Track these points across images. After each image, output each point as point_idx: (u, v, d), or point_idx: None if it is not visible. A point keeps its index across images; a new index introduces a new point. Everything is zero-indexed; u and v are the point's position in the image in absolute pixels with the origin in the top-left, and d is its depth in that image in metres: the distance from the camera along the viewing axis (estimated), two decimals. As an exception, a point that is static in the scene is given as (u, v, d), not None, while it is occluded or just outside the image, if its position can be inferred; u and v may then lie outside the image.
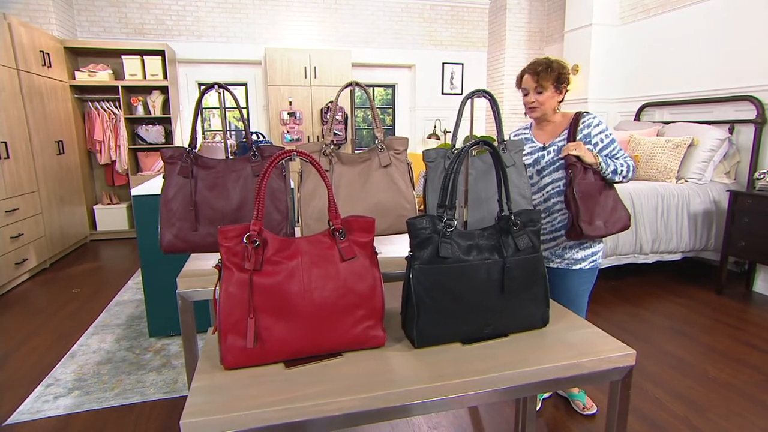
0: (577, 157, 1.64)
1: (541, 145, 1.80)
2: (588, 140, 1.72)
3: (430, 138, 6.38)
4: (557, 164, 1.75)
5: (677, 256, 3.48)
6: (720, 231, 3.45)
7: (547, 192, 1.79)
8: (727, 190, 3.31)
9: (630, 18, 4.68)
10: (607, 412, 1.10)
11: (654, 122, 4.30)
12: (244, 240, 0.95)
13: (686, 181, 3.61)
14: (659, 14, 4.33)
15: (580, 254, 1.80)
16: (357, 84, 1.50)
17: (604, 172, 1.67)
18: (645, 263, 3.42)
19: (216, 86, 1.39)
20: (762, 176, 3.18)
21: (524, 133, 1.89)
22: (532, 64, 1.75)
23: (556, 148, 1.76)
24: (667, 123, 4.13)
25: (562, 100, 1.79)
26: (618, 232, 1.72)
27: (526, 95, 1.78)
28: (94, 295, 3.46)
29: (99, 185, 5.42)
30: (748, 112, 3.52)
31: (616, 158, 1.74)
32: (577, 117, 1.74)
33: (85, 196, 5.04)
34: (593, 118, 1.74)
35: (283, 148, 1.25)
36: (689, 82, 4.04)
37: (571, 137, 1.72)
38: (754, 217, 3.10)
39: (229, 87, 1.43)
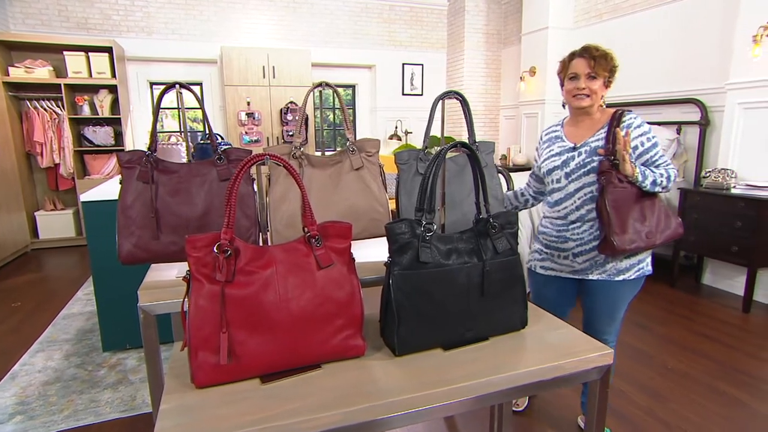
0: (613, 165, 1.48)
1: (572, 146, 1.63)
2: None
3: (391, 139, 6.37)
4: (588, 167, 1.56)
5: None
6: (670, 226, 3.62)
7: (579, 198, 1.60)
8: (678, 188, 3.48)
9: (583, 22, 4.84)
10: (587, 411, 1.10)
11: (607, 123, 4.46)
12: (215, 250, 0.89)
13: (638, 179, 3.76)
14: (611, 19, 4.51)
15: (625, 263, 1.59)
16: (327, 84, 1.45)
17: (641, 184, 1.50)
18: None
19: (177, 86, 1.30)
20: (708, 174, 3.36)
21: (555, 131, 1.73)
22: (586, 48, 1.58)
23: (588, 149, 1.58)
24: (619, 124, 4.29)
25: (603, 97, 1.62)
26: (666, 242, 1.55)
27: (572, 79, 1.59)
28: (37, 309, 3.22)
29: (41, 190, 5.07)
30: (694, 114, 3.72)
31: (657, 166, 1.56)
32: (619, 115, 1.55)
33: (24, 202, 4.69)
34: (635, 118, 1.57)
35: (250, 151, 1.19)
36: (639, 84, 4.22)
37: (611, 138, 1.52)
38: (702, 213, 3.27)
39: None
